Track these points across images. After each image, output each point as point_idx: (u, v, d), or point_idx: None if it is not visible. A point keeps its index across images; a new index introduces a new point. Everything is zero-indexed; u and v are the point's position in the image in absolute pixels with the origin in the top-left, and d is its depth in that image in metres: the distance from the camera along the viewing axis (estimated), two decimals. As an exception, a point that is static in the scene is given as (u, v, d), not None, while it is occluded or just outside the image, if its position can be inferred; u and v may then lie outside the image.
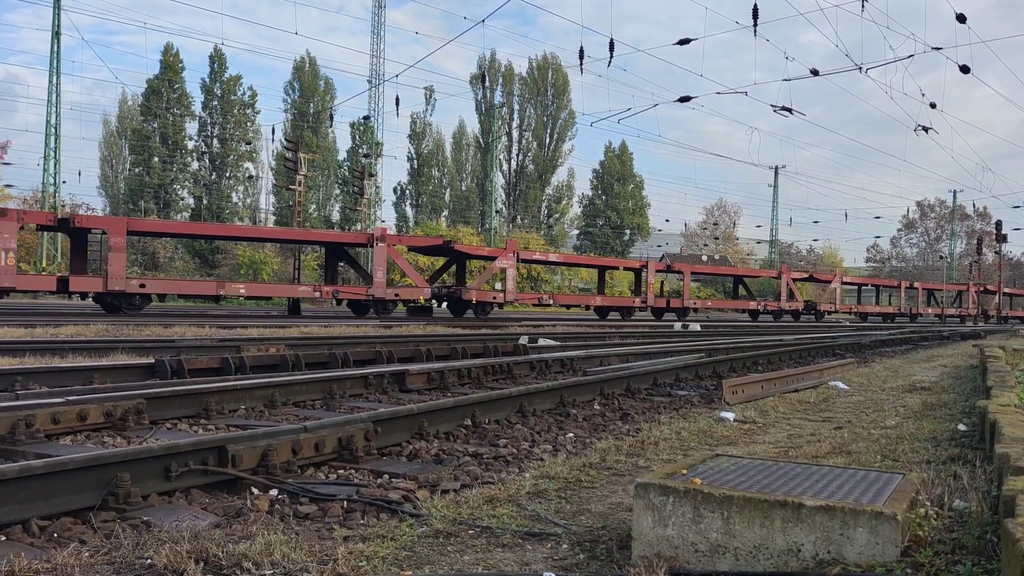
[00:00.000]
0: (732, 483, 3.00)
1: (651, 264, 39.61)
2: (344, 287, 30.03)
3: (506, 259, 32.31)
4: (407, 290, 30.13)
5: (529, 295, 36.60)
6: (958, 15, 22.51)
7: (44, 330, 14.82)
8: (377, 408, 6.62)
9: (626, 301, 39.31)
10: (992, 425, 4.60)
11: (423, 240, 36.10)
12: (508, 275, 32.15)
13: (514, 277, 32.70)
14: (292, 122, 72.16)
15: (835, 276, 52.76)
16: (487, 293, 31.60)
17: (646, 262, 39.91)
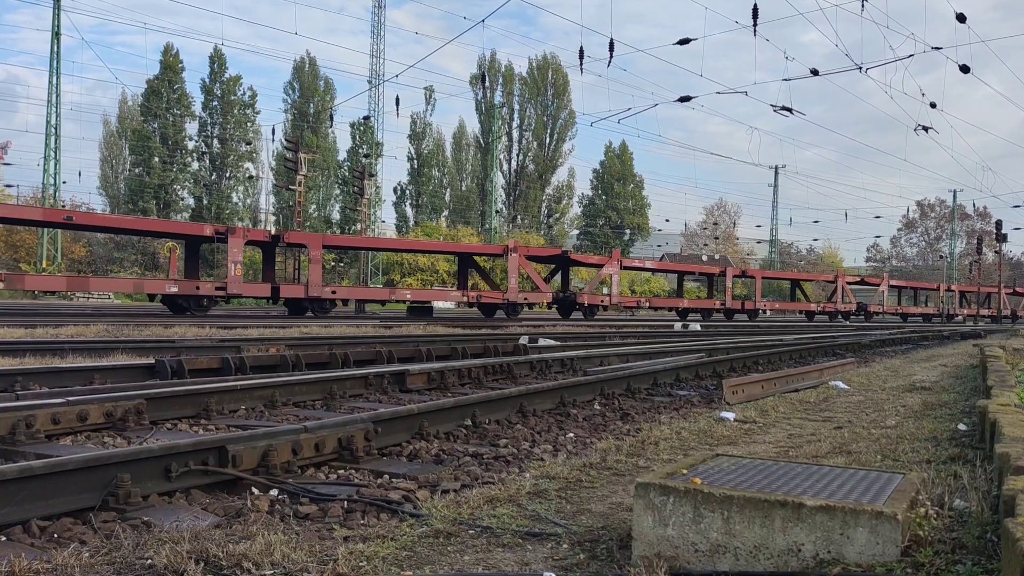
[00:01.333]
0: (732, 483, 3.00)
1: (729, 271, 44.01)
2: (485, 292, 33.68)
3: (611, 266, 36.10)
4: (534, 295, 33.80)
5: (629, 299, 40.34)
6: (958, 15, 22.51)
7: (44, 330, 14.82)
8: (377, 408, 6.62)
9: (708, 304, 42.88)
10: (992, 425, 4.60)
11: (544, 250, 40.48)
12: (613, 281, 35.70)
13: (618, 283, 36.29)
14: (292, 122, 72.20)
15: (883, 280, 56.08)
16: (596, 297, 35.10)
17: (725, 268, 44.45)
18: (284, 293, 27.74)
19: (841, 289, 49.63)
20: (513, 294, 32.47)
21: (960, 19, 22.55)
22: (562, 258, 36.84)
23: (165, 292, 25.97)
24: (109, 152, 75.57)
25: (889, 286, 55.62)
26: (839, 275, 52.44)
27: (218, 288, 26.52)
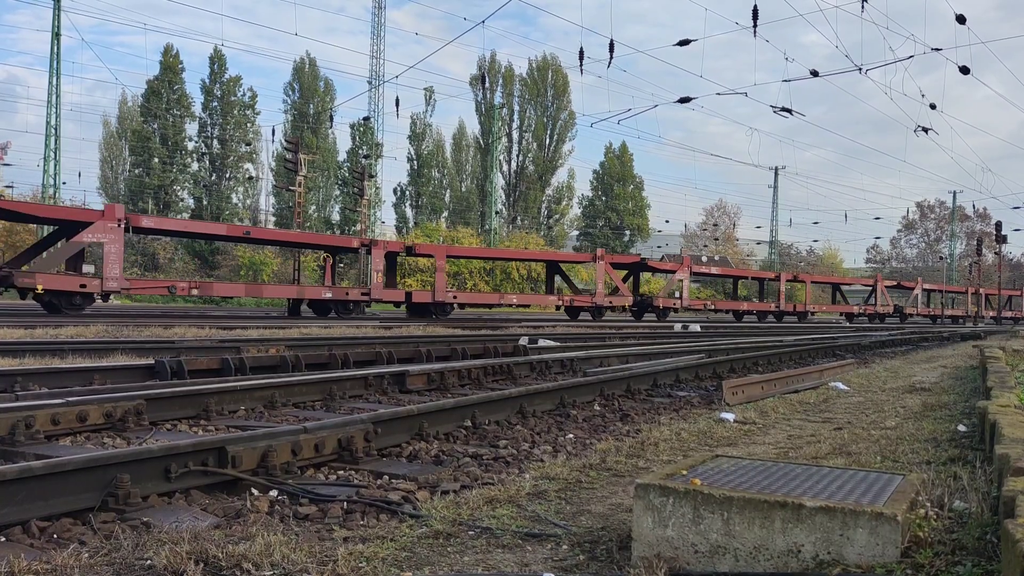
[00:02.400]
0: (732, 484, 3.00)
1: (783, 276, 48.65)
2: (577, 296, 36.50)
3: (682, 272, 40.01)
4: (617, 298, 36.82)
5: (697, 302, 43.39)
6: (958, 16, 22.52)
7: (44, 331, 14.81)
8: (377, 409, 6.62)
9: (765, 306, 46.51)
10: (992, 426, 4.60)
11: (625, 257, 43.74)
12: (684, 285, 39.73)
13: (688, 287, 40.22)
14: (292, 123, 72.18)
15: (917, 283, 58.79)
16: (669, 300, 38.45)
17: (778, 274, 49.13)
18: (416, 298, 31.28)
19: (880, 292, 52.64)
20: (600, 298, 35.46)
21: (960, 20, 22.57)
22: (639, 264, 40.11)
23: (321, 297, 28.67)
24: (109, 153, 75.59)
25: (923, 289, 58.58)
26: (878, 279, 55.21)
27: (363, 294, 29.60)
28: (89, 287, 23.04)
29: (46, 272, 22.56)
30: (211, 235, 35.56)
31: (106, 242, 23.24)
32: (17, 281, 21.57)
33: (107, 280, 23.13)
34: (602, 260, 36.30)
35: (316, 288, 29.49)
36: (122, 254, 23.70)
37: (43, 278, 21.99)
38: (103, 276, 23.25)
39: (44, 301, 22.69)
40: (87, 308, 23.57)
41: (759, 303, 47.29)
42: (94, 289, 23.25)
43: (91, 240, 23.23)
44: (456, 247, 51.51)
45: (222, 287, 30.84)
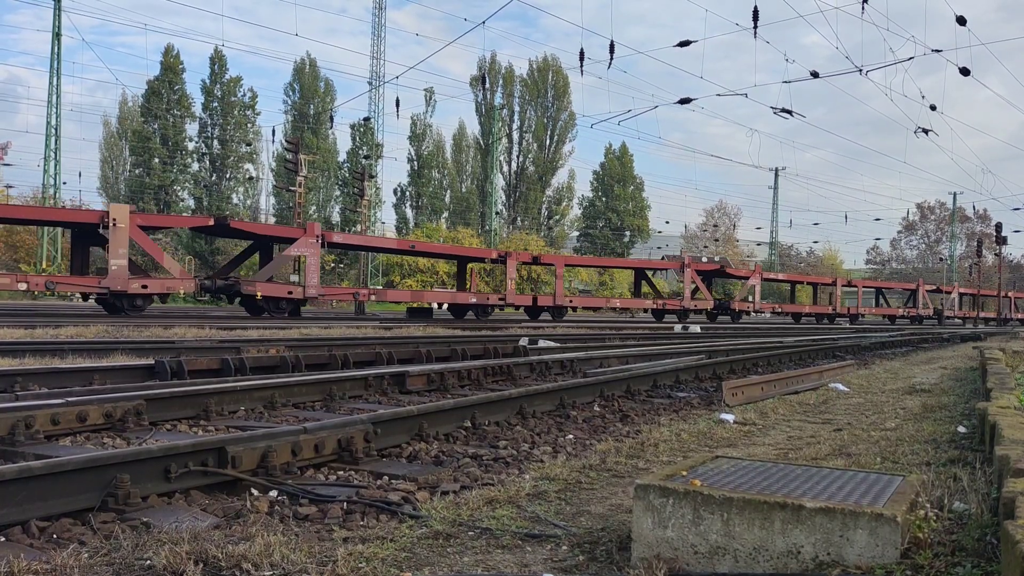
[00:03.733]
0: (732, 485, 3.00)
1: (838, 281, 53.50)
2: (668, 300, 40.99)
3: (755, 279, 44.99)
4: (701, 302, 40.69)
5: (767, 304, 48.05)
6: (958, 17, 22.53)
7: (44, 331, 14.81)
8: (377, 409, 6.62)
9: (823, 309, 50.95)
10: (992, 427, 4.60)
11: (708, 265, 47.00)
12: (756, 290, 44.36)
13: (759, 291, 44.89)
14: (292, 123, 72.21)
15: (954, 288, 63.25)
16: (744, 304, 43.51)
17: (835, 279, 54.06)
18: (540, 302, 35.53)
19: (921, 295, 56.41)
20: (687, 301, 39.74)
21: (960, 22, 22.57)
22: (719, 271, 45.03)
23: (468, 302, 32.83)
24: (109, 153, 75.62)
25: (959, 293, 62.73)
26: (920, 283, 58.93)
27: (500, 299, 33.63)
28: (295, 294, 27.34)
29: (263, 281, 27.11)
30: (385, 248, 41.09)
31: (307, 255, 27.43)
32: (243, 289, 26.05)
33: (308, 288, 27.45)
34: (689, 267, 40.54)
35: (465, 294, 33.73)
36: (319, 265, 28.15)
37: (261, 286, 26.47)
38: (304, 284, 27.48)
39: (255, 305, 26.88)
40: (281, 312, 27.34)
41: (818, 306, 51.69)
42: (298, 296, 27.39)
43: (297, 254, 27.64)
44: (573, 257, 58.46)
45: (394, 294, 35.83)
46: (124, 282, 23.71)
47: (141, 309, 24.73)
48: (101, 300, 25.12)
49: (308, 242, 27.30)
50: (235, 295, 26.41)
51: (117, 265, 23.83)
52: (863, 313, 53.62)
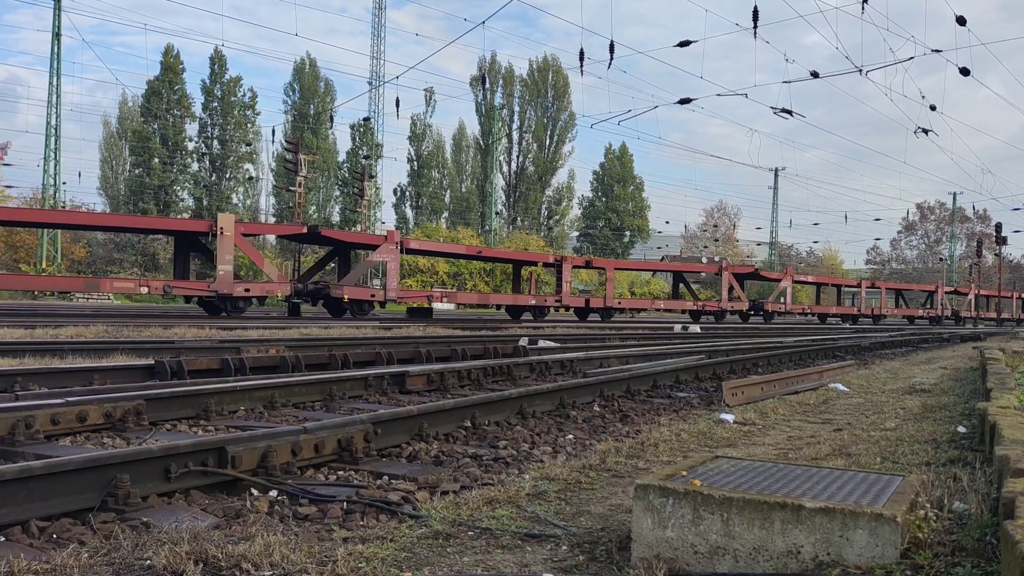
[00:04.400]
0: (732, 485, 3.00)
1: (863, 283, 55.31)
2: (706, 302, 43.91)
3: (787, 281, 47.34)
4: (737, 303, 43.52)
5: (797, 306, 49.44)
6: (958, 17, 22.52)
7: (44, 331, 14.81)
8: (377, 409, 6.63)
9: (849, 310, 53.36)
10: (992, 427, 4.60)
11: (743, 268, 50.52)
12: (788, 292, 46.78)
13: (791, 293, 47.41)
14: (292, 123, 72.19)
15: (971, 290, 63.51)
16: (777, 305, 46.04)
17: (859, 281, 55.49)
18: (592, 303, 37.50)
19: (940, 297, 58.28)
20: (725, 303, 42.26)
21: (960, 22, 22.57)
22: (753, 274, 48.33)
23: (528, 304, 34.84)
24: (109, 153, 75.57)
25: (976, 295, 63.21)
26: (939, 285, 60.94)
27: (556, 301, 35.47)
28: (377, 296, 29.43)
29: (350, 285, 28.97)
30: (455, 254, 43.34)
31: (388, 260, 29.57)
32: (332, 292, 27.82)
33: (388, 291, 29.54)
34: (726, 271, 43.22)
35: (524, 296, 35.89)
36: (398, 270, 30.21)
37: (348, 290, 28.35)
38: (385, 287, 29.59)
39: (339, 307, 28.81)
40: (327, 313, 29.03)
41: (844, 307, 54.19)
42: (380, 298, 29.40)
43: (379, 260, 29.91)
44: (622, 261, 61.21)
45: (464, 296, 38.36)
46: (230, 286, 25.68)
47: (241, 311, 26.58)
48: (204, 302, 27.14)
49: (389, 248, 29.73)
50: (324, 298, 28.25)
51: (224, 270, 25.83)
52: (885, 314, 55.66)
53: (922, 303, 61.61)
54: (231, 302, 25.95)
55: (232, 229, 26.02)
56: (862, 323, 49.70)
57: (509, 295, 36.86)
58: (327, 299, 28.20)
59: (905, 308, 59.82)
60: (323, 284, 28.58)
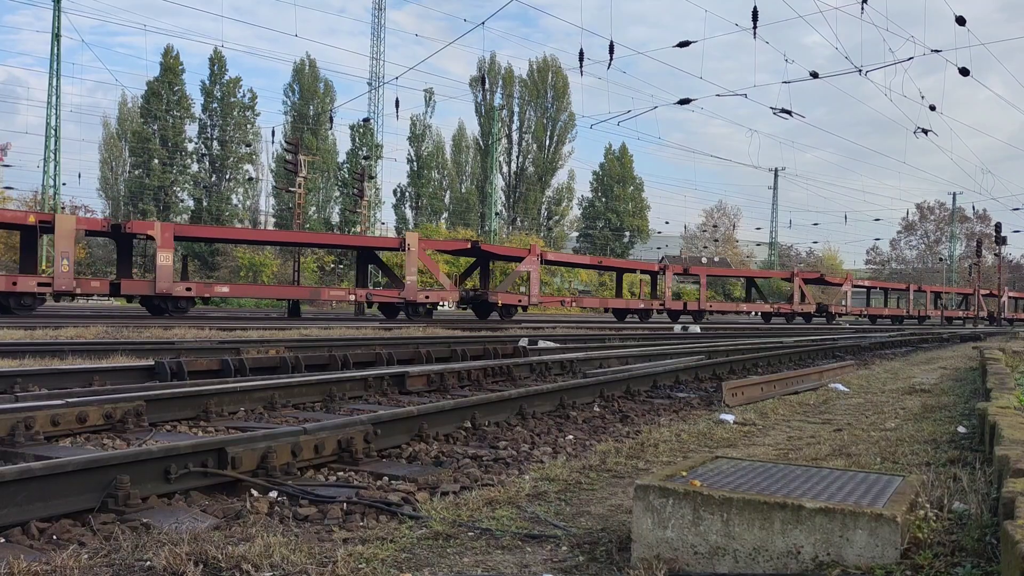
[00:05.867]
0: (732, 485, 3.00)
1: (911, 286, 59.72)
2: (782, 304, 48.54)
3: (847, 285, 52.35)
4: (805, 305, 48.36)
5: (855, 308, 53.87)
6: (958, 17, 22.53)
7: (44, 332, 14.81)
8: (377, 410, 6.62)
9: (898, 312, 58.54)
10: (992, 427, 4.60)
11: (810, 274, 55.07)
12: (847, 296, 52.02)
13: (850, 296, 52.34)
14: (292, 124, 72.21)
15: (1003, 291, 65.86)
16: (839, 307, 51.23)
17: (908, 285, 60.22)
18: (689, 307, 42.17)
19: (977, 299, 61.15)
20: (796, 306, 47.63)
21: (960, 22, 22.57)
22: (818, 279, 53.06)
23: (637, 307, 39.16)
24: (109, 154, 75.58)
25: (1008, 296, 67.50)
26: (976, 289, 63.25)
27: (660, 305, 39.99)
28: (523, 301, 33.95)
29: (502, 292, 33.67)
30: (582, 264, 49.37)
31: (531, 271, 34.17)
32: (489, 298, 32.54)
33: (531, 296, 33.86)
34: (797, 276, 48.95)
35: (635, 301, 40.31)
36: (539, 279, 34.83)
37: (502, 296, 33.02)
38: (529, 293, 33.93)
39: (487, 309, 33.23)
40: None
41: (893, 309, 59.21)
42: (525, 303, 34.05)
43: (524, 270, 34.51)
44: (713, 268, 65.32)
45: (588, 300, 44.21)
46: (415, 293, 30.19)
47: (420, 314, 30.39)
48: (384, 307, 31.23)
49: (532, 260, 34.44)
50: (482, 303, 32.80)
51: (410, 280, 30.19)
52: (929, 315, 59.92)
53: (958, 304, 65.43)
54: (413, 307, 30.06)
55: (416, 245, 30.70)
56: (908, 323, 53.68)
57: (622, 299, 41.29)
58: (483, 303, 32.75)
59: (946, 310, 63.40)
60: (483, 292, 33.22)
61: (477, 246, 34.17)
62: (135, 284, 26.13)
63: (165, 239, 25.57)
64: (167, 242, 25.62)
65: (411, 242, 30.66)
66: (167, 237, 25.75)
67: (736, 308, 49.21)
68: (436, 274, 32.88)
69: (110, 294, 25.75)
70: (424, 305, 30.60)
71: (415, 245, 30.58)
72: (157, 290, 25.12)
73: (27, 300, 23.52)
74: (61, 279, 23.44)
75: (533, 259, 34.40)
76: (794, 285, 48.35)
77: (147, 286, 25.54)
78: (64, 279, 23.46)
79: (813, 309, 48.73)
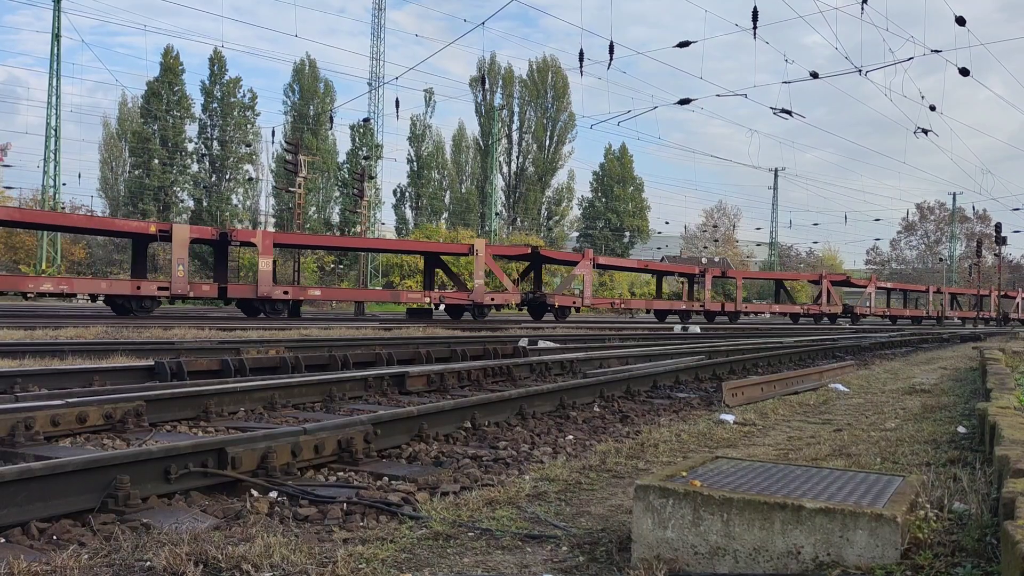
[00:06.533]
0: (732, 485, 3.00)
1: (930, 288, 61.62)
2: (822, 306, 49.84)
3: (871, 287, 54.35)
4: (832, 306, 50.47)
5: (879, 309, 56.03)
6: (958, 18, 22.52)
7: (44, 332, 14.81)
8: (377, 410, 6.62)
9: (918, 312, 60.48)
10: (992, 427, 4.60)
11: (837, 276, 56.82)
12: (872, 297, 54.25)
13: (874, 298, 54.71)
14: (292, 124, 72.21)
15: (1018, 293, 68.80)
16: (863, 308, 53.37)
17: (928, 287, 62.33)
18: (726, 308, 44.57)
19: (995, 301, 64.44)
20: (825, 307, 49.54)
21: (960, 22, 22.57)
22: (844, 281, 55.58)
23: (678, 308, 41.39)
24: (109, 154, 75.59)
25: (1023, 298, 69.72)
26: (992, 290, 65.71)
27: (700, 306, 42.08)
28: (577, 303, 36.23)
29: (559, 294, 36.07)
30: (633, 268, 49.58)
31: (585, 274, 36.56)
32: (547, 300, 34.81)
33: (584, 298, 36.42)
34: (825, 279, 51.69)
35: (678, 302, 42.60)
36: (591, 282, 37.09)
37: (558, 298, 35.31)
38: (583, 295, 36.46)
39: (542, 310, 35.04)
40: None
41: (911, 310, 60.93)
42: (579, 304, 36.35)
43: (579, 273, 36.63)
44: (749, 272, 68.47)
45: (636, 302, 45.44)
46: (482, 296, 32.18)
47: (484, 315, 32.60)
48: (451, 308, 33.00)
49: (585, 264, 36.86)
50: (540, 304, 34.90)
51: (478, 283, 32.32)
52: (948, 316, 61.44)
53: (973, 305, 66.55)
54: (480, 308, 32.12)
55: (484, 251, 32.96)
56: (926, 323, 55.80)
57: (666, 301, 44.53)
58: (541, 305, 34.91)
59: (960, 310, 64.95)
60: (541, 294, 35.80)
61: (536, 251, 37.37)
62: (239, 288, 28.02)
63: (265, 246, 27.61)
64: (267, 249, 27.60)
65: (479, 248, 32.96)
66: (267, 244, 27.80)
67: (769, 309, 51.39)
68: (501, 277, 34.87)
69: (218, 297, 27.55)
70: (489, 306, 32.77)
71: (483, 251, 32.82)
72: (259, 293, 27.11)
73: (147, 303, 25.47)
74: (177, 283, 25.34)
75: (586, 263, 36.83)
76: (822, 287, 50.70)
77: (250, 290, 27.48)
78: (179, 283, 25.37)
79: (840, 310, 50.62)
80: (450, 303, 32.57)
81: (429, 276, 34.98)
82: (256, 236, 28.21)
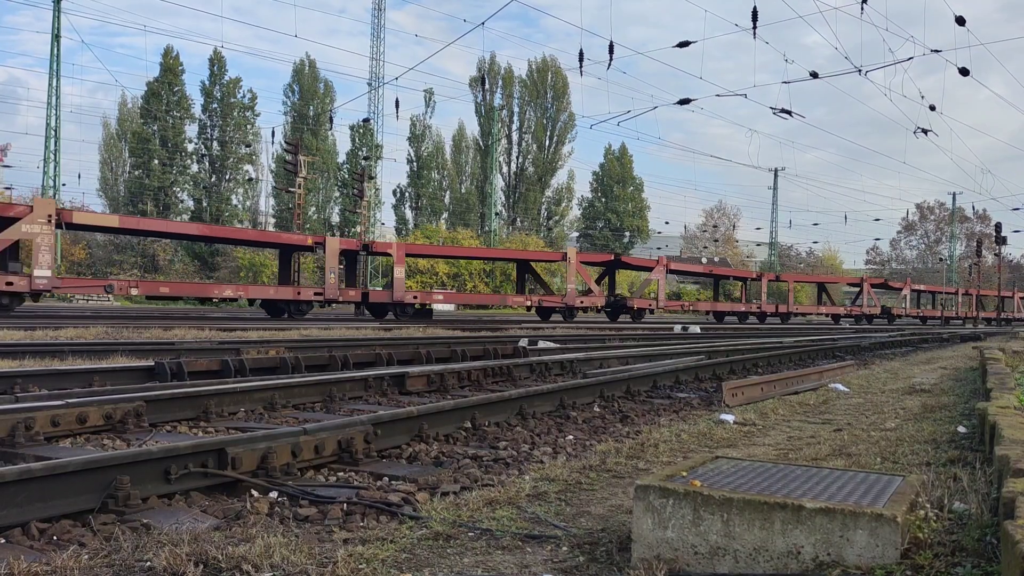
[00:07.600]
0: (732, 485, 3.00)
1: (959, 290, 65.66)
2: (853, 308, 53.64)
3: (906, 289, 57.32)
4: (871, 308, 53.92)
5: (913, 310, 59.47)
6: (957, 18, 22.53)
7: (43, 332, 14.81)
8: (377, 410, 6.62)
9: (948, 313, 63.77)
10: (992, 427, 4.60)
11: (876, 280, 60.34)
12: (907, 299, 57.37)
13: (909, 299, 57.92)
14: (292, 125, 72.20)
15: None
16: (899, 309, 56.12)
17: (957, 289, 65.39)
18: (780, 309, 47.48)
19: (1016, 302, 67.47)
20: (865, 308, 53.26)
21: (960, 22, 22.57)
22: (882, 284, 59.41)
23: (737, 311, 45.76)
24: (109, 154, 75.51)
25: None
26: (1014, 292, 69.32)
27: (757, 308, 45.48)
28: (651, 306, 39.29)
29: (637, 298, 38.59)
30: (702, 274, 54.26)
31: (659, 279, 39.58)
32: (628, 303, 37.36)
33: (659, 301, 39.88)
34: (865, 282, 55.18)
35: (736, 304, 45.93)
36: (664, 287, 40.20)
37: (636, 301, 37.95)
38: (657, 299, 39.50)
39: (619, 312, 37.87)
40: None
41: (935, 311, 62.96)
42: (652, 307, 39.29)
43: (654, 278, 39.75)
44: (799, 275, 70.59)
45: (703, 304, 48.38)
46: (573, 298, 35.12)
47: (574, 317, 35.19)
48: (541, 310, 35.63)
49: (660, 270, 40.12)
50: (620, 307, 37.35)
51: (571, 288, 35.33)
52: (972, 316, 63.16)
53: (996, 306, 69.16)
54: (570, 310, 34.75)
55: (575, 258, 36.13)
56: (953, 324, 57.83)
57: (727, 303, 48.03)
58: (621, 307, 37.38)
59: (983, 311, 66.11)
60: (620, 297, 38.62)
61: (618, 258, 41.47)
62: (379, 293, 31.40)
63: (399, 256, 31.23)
64: (400, 259, 31.22)
65: (571, 255, 36.25)
66: (400, 254, 31.45)
67: (816, 310, 54.15)
68: (588, 282, 37.08)
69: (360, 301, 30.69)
70: (578, 308, 35.31)
71: (574, 258, 36.04)
72: (395, 298, 30.25)
73: (304, 307, 28.62)
74: (330, 289, 28.54)
75: (661, 269, 40.18)
76: (863, 289, 54.25)
77: (387, 295, 30.74)
78: (332, 289, 28.56)
79: (878, 311, 54.06)
80: (546, 306, 35.26)
81: (521, 281, 38.06)
82: (392, 247, 32.01)
